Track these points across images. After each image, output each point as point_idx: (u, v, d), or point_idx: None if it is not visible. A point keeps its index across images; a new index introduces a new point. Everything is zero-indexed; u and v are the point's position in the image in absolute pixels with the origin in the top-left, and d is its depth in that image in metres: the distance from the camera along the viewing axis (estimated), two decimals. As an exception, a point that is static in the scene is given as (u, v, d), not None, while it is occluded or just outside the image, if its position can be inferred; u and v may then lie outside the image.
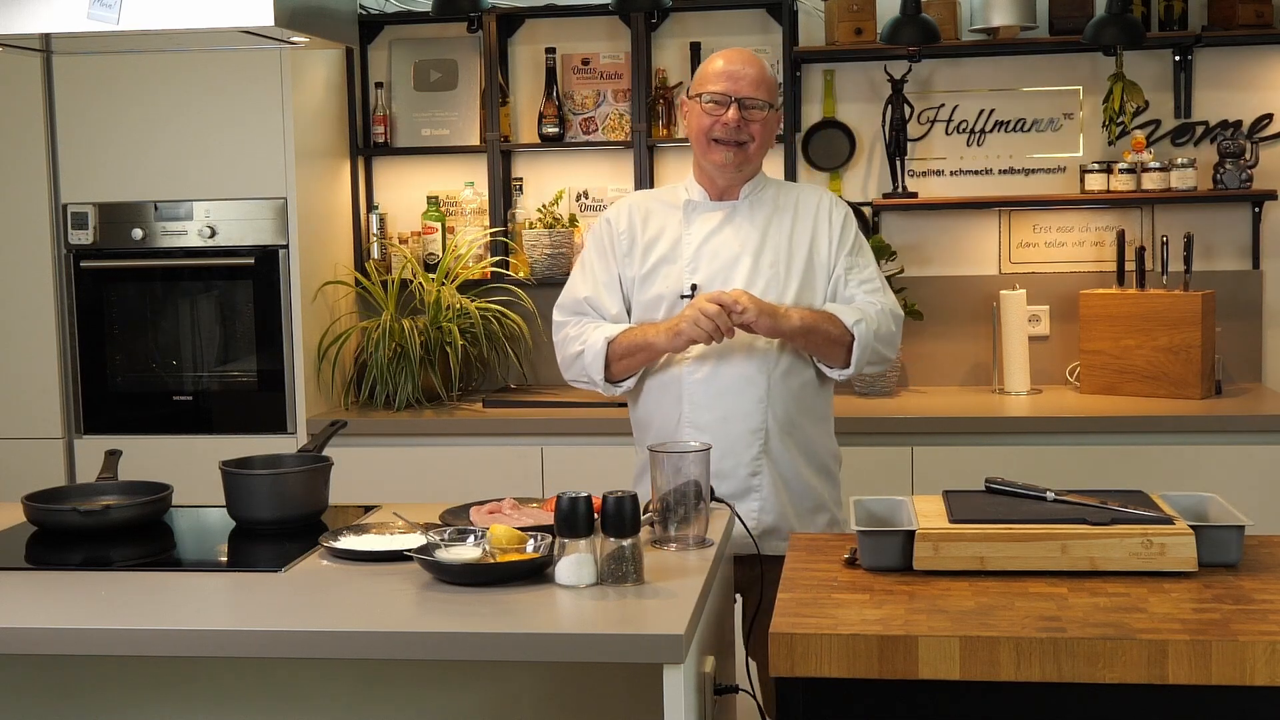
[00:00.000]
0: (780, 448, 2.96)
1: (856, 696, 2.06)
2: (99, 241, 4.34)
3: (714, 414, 2.94)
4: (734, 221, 3.00)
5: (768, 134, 2.99)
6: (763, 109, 2.94)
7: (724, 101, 2.92)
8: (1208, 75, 4.45)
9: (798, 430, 2.99)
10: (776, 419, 2.95)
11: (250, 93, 4.23)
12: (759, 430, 2.94)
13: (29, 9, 2.77)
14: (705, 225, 3.00)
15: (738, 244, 2.98)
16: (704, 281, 2.95)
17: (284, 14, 2.77)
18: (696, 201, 3.04)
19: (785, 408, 2.96)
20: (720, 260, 2.97)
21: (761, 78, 2.95)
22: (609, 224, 3.08)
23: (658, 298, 3.00)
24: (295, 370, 4.29)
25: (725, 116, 2.91)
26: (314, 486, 2.79)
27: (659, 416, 3.01)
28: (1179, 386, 4.14)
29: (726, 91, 2.92)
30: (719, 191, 3.03)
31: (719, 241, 2.98)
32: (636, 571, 2.25)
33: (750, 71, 2.94)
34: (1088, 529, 2.32)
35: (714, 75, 2.96)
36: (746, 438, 2.93)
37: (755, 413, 2.94)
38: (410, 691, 2.55)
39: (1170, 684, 1.99)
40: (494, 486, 3.67)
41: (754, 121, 2.94)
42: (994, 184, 4.57)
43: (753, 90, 2.93)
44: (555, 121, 4.58)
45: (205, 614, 2.25)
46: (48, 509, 2.75)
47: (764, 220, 3.00)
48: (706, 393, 2.95)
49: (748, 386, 2.94)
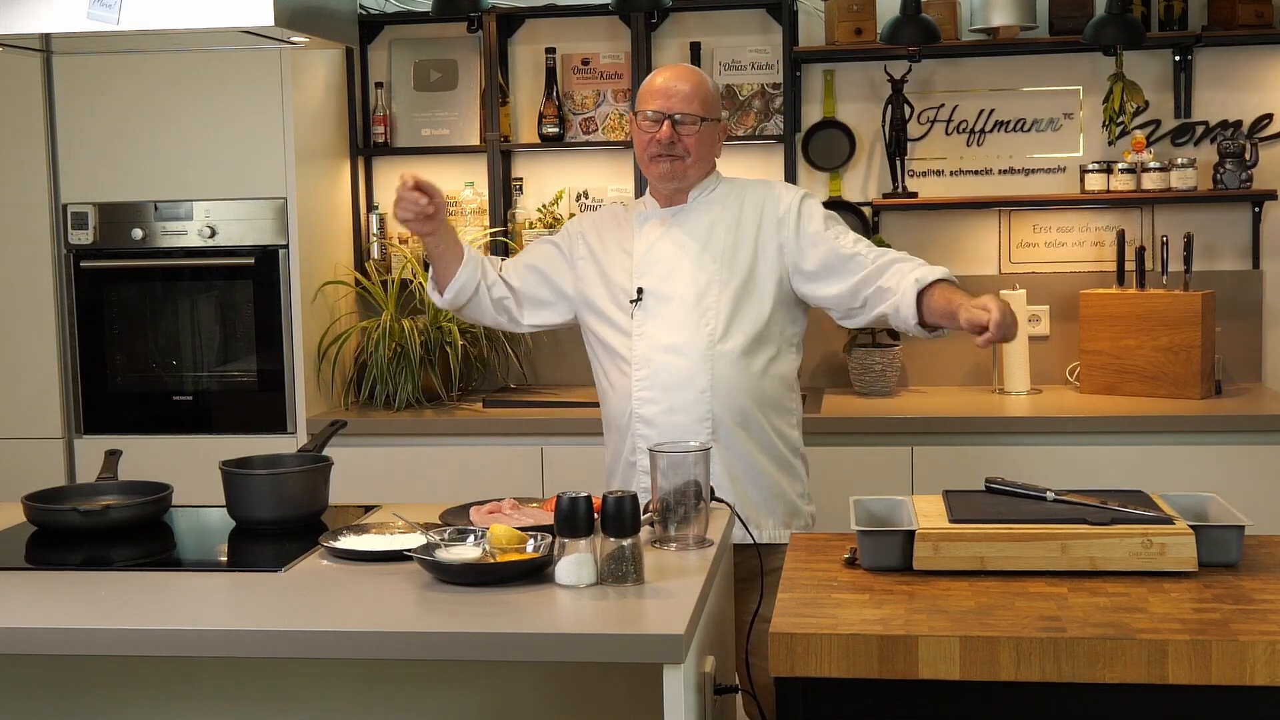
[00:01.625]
0: (732, 438, 3.02)
1: (856, 696, 2.06)
2: (99, 241, 4.34)
3: (660, 406, 3.02)
4: (678, 226, 3.10)
5: (704, 146, 3.06)
6: (695, 124, 3.03)
7: (658, 119, 3.02)
8: (1208, 75, 4.45)
9: (751, 421, 3.04)
10: (726, 409, 3.01)
11: (250, 93, 4.22)
12: (704, 420, 3.00)
13: (29, 9, 2.77)
14: (651, 234, 3.11)
15: (679, 248, 3.08)
16: (649, 285, 3.05)
17: (284, 14, 2.77)
18: (647, 212, 3.16)
19: (734, 399, 3.02)
20: (664, 264, 3.07)
21: (695, 93, 3.03)
22: (576, 223, 3.25)
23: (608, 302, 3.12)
24: (295, 370, 4.29)
25: (659, 134, 3.02)
26: (314, 486, 2.80)
27: (615, 411, 3.11)
28: (1179, 386, 4.14)
29: (660, 109, 3.03)
30: (667, 200, 3.13)
31: (662, 247, 3.09)
32: (636, 571, 2.25)
33: (683, 88, 3.03)
34: (1088, 529, 2.32)
35: (649, 93, 3.07)
36: (693, 427, 3.00)
37: (700, 403, 3.01)
38: (410, 691, 2.55)
39: (1170, 684, 1.99)
40: (494, 486, 3.67)
41: (688, 136, 3.03)
42: (994, 184, 4.57)
43: (685, 106, 3.02)
44: (555, 121, 4.58)
45: (205, 614, 2.25)
46: (48, 509, 2.75)
47: (708, 221, 3.09)
48: (652, 387, 3.03)
49: (690, 379, 3.01)
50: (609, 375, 3.13)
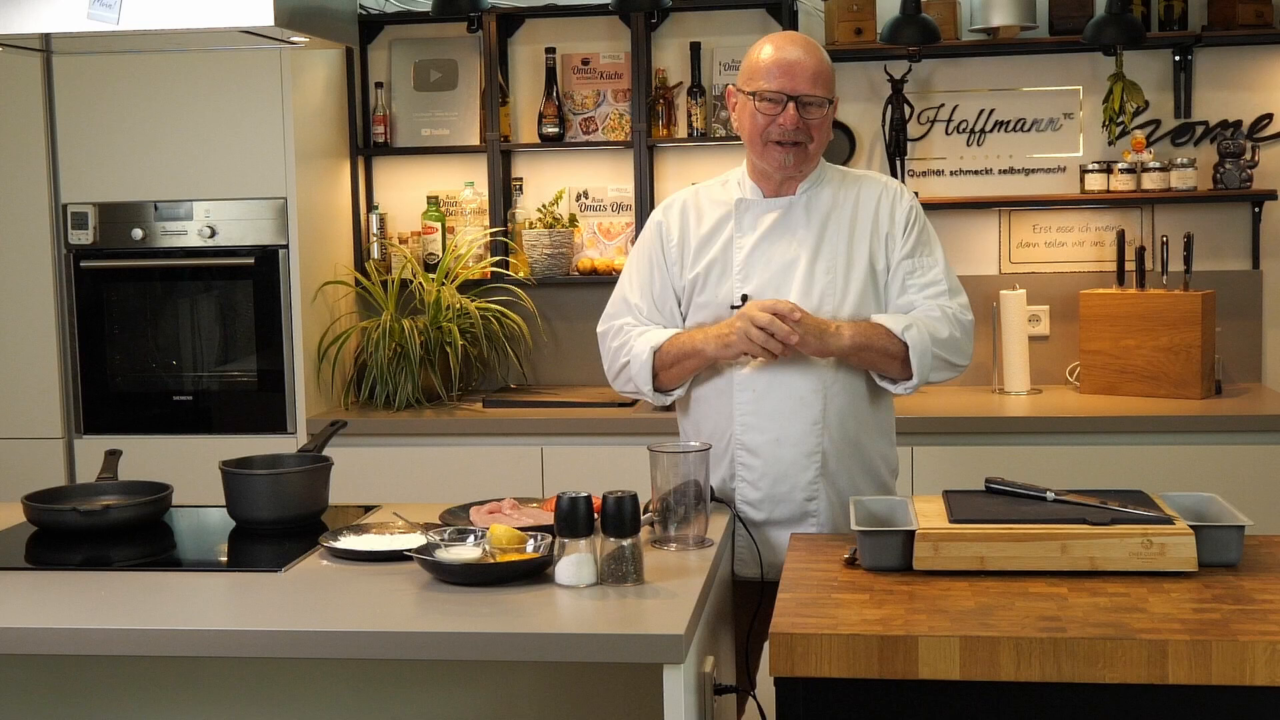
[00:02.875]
0: (838, 469, 2.77)
1: (856, 696, 2.06)
2: (99, 241, 4.34)
3: (766, 436, 2.74)
4: (788, 224, 2.76)
5: (827, 130, 2.74)
6: (822, 106, 2.68)
7: (779, 100, 2.66)
8: (1208, 75, 4.45)
9: (857, 449, 2.79)
10: (834, 440, 2.75)
11: (250, 93, 4.23)
12: (814, 454, 2.74)
13: (29, 9, 2.77)
14: (757, 229, 2.76)
15: (791, 250, 2.74)
16: (755, 290, 2.72)
17: (284, 14, 2.77)
18: (749, 200, 2.79)
19: (843, 428, 2.76)
20: (773, 268, 2.74)
21: (820, 69, 2.68)
22: (659, 228, 2.86)
23: (707, 305, 2.79)
24: (295, 370, 4.29)
25: (782, 118, 2.66)
26: (314, 486, 2.79)
27: (707, 431, 2.80)
28: (1179, 386, 4.14)
29: (781, 89, 2.65)
30: (774, 188, 2.78)
31: (771, 247, 2.75)
32: (636, 571, 2.25)
33: (809, 62, 2.67)
34: (1088, 529, 2.32)
35: (766, 69, 2.68)
36: (802, 462, 2.74)
37: (810, 435, 2.73)
38: (410, 691, 2.55)
39: (1170, 684, 1.99)
40: (494, 486, 3.67)
41: (814, 121, 2.68)
42: (994, 184, 4.57)
43: (810, 86, 2.66)
44: (555, 121, 4.58)
45: (205, 614, 2.25)
46: (48, 509, 2.75)
47: (820, 221, 2.76)
48: (758, 413, 2.74)
49: (801, 408, 2.73)
50: (703, 389, 2.80)
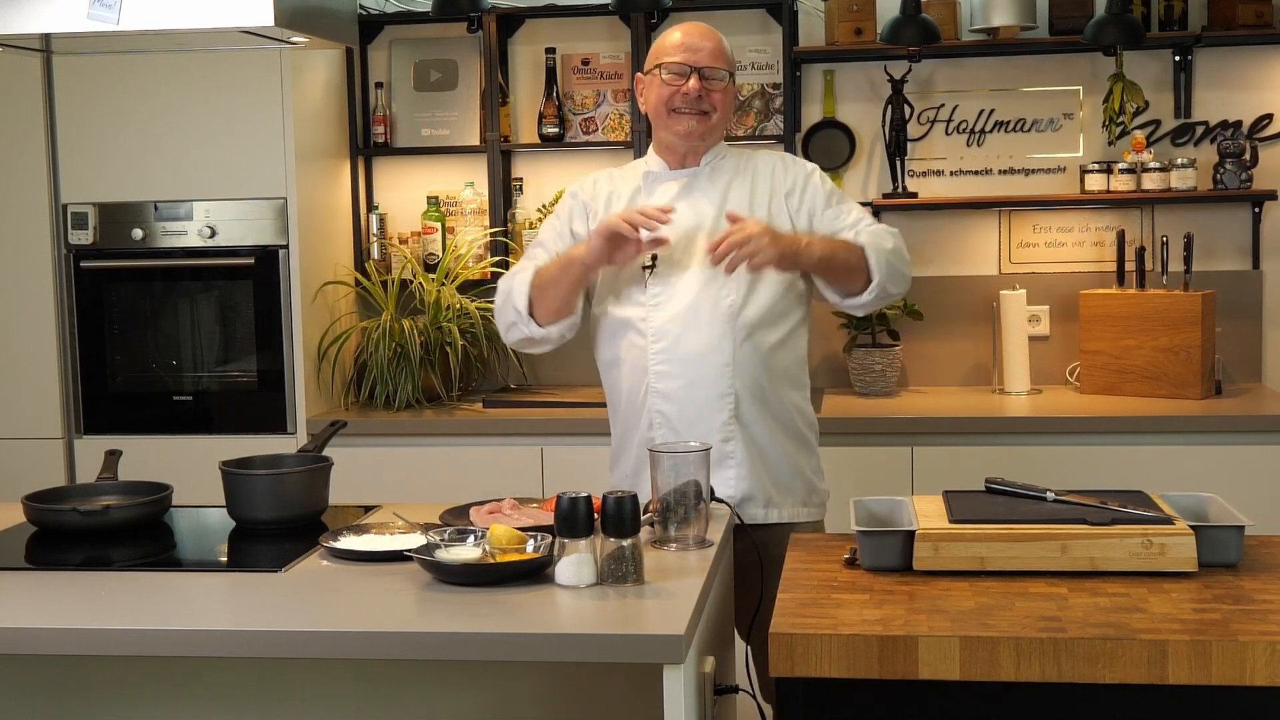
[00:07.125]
0: (752, 414, 2.92)
1: (856, 696, 2.06)
2: (99, 241, 4.34)
3: (679, 381, 2.90)
4: (694, 190, 2.98)
5: (728, 104, 2.99)
6: (723, 79, 2.95)
7: (683, 72, 2.92)
8: (1208, 75, 4.45)
9: (769, 396, 2.94)
10: (745, 384, 2.91)
11: (250, 93, 4.22)
12: (727, 395, 2.90)
13: (29, 9, 2.77)
14: (665, 195, 2.98)
15: (697, 214, 2.95)
16: (664, 253, 2.91)
17: (284, 14, 2.77)
18: (656, 173, 3.02)
19: (753, 373, 2.92)
20: (680, 229, 2.92)
21: (719, 49, 2.96)
22: (573, 197, 3.07)
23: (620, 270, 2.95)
24: (295, 370, 4.29)
25: (686, 86, 2.92)
26: (314, 486, 2.79)
27: (628, 388, 2.97)
28: (1179, 386, 4.14)
29: (685, 62, 2.92)
30: (679, 161, 3.01)
31: (678, 211, 2.94)
32: (636, 571, 2.25)
33: (708, 44, 2.95)
34: (1088, 529, 2.32)
35: (672, 47, 2.96)
36: (716, 403, 2.89)
37: (722, 378, 2.89)
38: (410, 691, 2.55)
39: (1170, 684, 1.99)
40: (494, 486, 3.66)
41: (715, 91, 2.94)
42: (994, 184, 4.57)
43: (712, 60, 2.94)
44: (555, 121, 4.58)
45: (205, 614, 2.25)
46: (48, 509, 2.75)
47: (723, 187, 2.98)
48: (670, 360, 2.91)
49: (712, 353, 2.89)
50: (618, 348, 2.98)
